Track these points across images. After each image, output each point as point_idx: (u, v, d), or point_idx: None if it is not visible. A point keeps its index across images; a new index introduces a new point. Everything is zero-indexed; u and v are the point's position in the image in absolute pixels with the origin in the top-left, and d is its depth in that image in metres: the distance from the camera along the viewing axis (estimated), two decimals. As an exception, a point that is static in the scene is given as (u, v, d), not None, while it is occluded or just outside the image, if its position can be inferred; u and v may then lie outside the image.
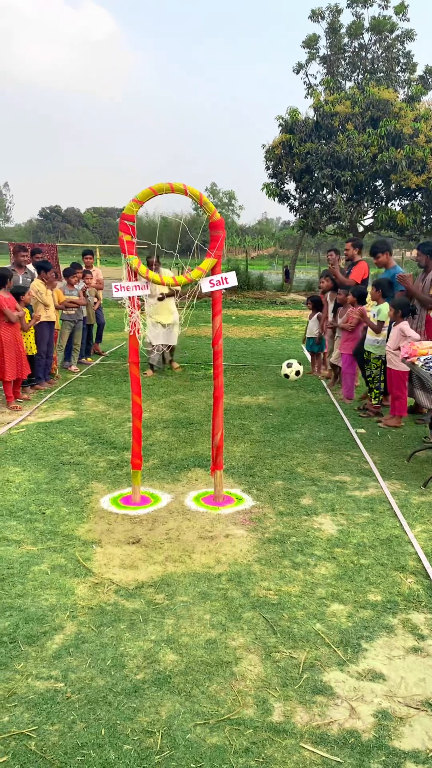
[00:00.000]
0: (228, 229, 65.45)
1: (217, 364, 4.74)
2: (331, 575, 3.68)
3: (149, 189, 4.30)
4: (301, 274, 36.94)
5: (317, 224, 23.28)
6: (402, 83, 24.94)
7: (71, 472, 5.32)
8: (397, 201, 22.64)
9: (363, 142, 20.16)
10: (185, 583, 3.55)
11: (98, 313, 11.04)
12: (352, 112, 20.78)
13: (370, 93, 20.71)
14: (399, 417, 6.96)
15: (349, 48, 25.43)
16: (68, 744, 2.38)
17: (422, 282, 7.20)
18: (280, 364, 10.78)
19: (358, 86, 22.83)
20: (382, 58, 24.96)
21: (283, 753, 2.36)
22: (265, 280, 28.31)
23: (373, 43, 25.19)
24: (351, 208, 22.70)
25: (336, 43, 25.31)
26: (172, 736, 2.43)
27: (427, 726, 2.51)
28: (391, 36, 24.71)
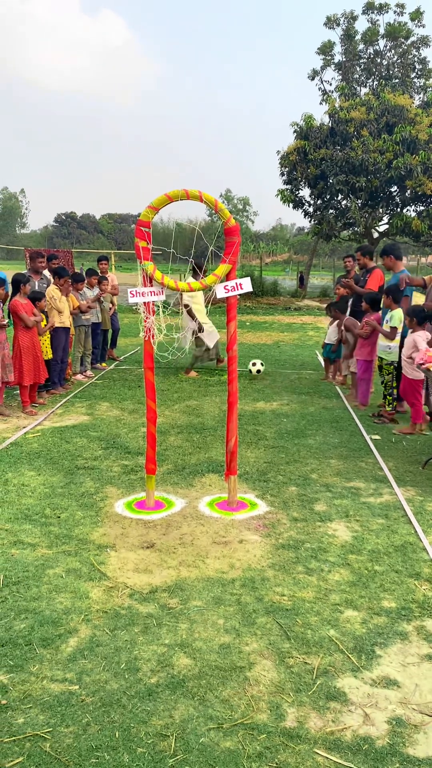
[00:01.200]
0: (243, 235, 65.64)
1: (232, 369, 4.76)
2: (345, 581, 3.68)
3: (165, 195, 4.34)
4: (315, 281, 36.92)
5: (332, 230, 23.23)
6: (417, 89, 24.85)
7: (86, 476, 5.35)
8: (413, 207, 22.54)
9: (378, 148, 20.13)
10: (199, 588, 3.56)
11: (113, 319, 11.11)
12: (368, 119, 20.75)
13: (386, 99, 20.67)
14: (415, 424, 6.93)
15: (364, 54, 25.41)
16: (83, 746, 2.39)
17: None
18: (294, 370, 10.80)
19: (374, 92, 22.78)
20: (398, 65, 24.90)
21: (296, 758, 2.36)
22: (279, 286, 28.31)
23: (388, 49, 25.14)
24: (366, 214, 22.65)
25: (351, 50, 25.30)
26: (185, 739, 2.44)
27: (441, 734, 2.50)
28: (406, 42, 24.66)
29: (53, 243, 76.98)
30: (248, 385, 9.34)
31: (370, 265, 8.60)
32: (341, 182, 20.75)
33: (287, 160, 22.66)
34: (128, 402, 8.11)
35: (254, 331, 17.15)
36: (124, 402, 8.11)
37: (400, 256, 7.98)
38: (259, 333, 16.65)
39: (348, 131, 20.93)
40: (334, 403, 8.30)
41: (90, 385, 9.12)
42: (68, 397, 8.27)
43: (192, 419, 7.30)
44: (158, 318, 4.60)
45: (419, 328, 6.58)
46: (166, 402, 8.12)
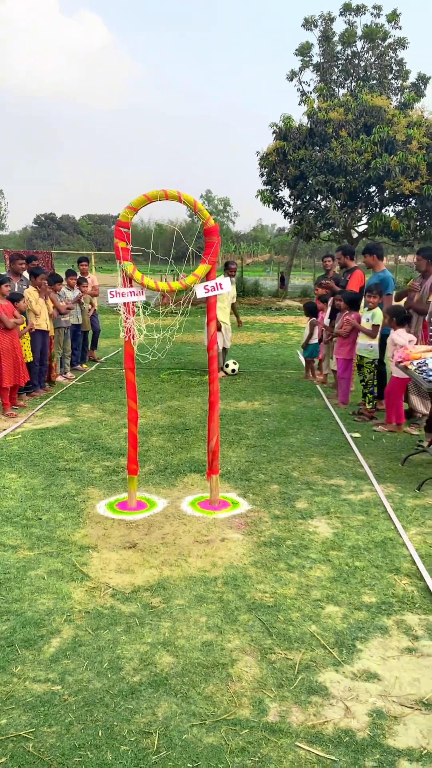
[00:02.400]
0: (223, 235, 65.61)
1: (213, 369, 4.78)
2: (326, 577, 3.71)
3: (144, 196, 4.35)
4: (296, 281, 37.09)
5: (312, 230, 23.35)
6: (395, 90, 25.07)
7: (67, 478, 5.34)
8: (391, 207, 22.75)
9: (356, 149, 20.28)
10: (181, 587, 3.58)
11: (93, 320, 11.08)
12: (346, 119, 20.90)
13: (363, 100, 20.83)
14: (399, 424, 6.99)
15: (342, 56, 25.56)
16: (66, 745, 2.40)
17: (421, 287, 7.26)
18: (275, 369, 10.85)
19: (352, 93, 22.93)
20: (375, 66, 25.10)
21: (278, 752, 2.38)
22: (260, 287, 28.40)
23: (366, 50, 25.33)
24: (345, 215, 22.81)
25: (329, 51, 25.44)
26: (168, 736, 2.45)
27: (421, 724, 2.54)
28: (383, 44, 24.86)
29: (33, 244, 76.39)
30: (230, 385, 9.37)
31: (351, 265, 8.69)
32: (320, 183, 20.88)
33: (267, 161, 22.74)
34: (109, 403, 8.10)
35: (235, 331, 17.16)
36: (105, 403, 8.10)
37: (382, 256, 8.07)
38: (240, 333, 16.68)
39: (327, 132, 21.07)
40: (314, 402, 8.36)
41: (71, 387, 9.09)
42: (49, 399, 8.23)
43: (174, 419, 7.31)
44: (138, 319, 4.61)
45: (399, 328, 6.66)
46: (148, 403, 8.12)
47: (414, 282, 7.26)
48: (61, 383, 9.29)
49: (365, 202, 22.91)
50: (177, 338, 13.92)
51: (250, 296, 26.45)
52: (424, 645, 3.08)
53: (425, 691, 2.74)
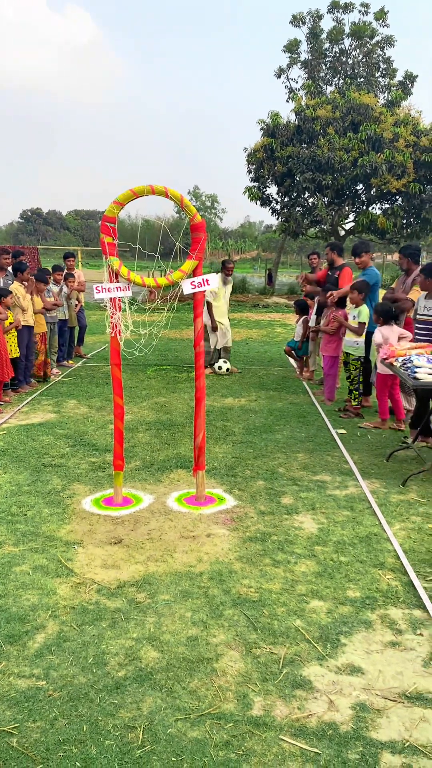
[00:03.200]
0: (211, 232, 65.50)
1: (199, 365, 4.78)
2: (311, 572, 3.73)
3: (130, 191, 4.34)
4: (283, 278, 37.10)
5: (299, 228, 23.36)
6: (382, 88, 25.13)
7: (53, 474, 5.32)
8: (378, 205, 22.82)
9: (344, 147, 20.31)
10: (167, 582, 3.58)
11: (80, 316, 11.03)
12: (333, 117, 20.91)
13: (351, 98, 20.86)
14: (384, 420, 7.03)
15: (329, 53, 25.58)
16: (50, 740, 2.39)
17: (402, 285, 7.31)
18: (262, 366, 10.87)
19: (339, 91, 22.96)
20: (363, 64, 25.15)
21: (262, 745, 2.40)
22: (247, 284, 28.40)
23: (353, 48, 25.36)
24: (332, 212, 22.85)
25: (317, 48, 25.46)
26: (153, 730, 2.46)
27: (403, 717, 2.57)
28: (371, 42, 24.91)
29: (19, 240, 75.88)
30: (216, 382, 9.37)
31: (339, 262, 8.71)
32: (308, 180, 20.89)
33: (254, 158, 22.71)
34: (96, 399, 8.07)
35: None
36: (91, 399, 8.07)
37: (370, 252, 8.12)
38: (227, 330, 16.69)
39: (314, 129, 21.08)
40: (301, 399, 8.39)
41: (57, 383, 9.05)
42: (34, 395, 8.19)
43: (160, 416, 7.30)
44: (125, 314, 4.60)
45: (386, 325, 6.69)
46: (135, 399, 8.10)
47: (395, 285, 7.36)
48: (47, 379, 9.24)
49: (352, 200, 22.96)
50: (164, 334, 13.92)
51: (238, 293, 26.43)
52: (407, 639, 3.11)
53: (408, 684, 2.77)
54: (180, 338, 14.31)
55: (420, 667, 2.89)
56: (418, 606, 3.40)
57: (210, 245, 58.94)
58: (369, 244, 8.06)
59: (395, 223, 21.37)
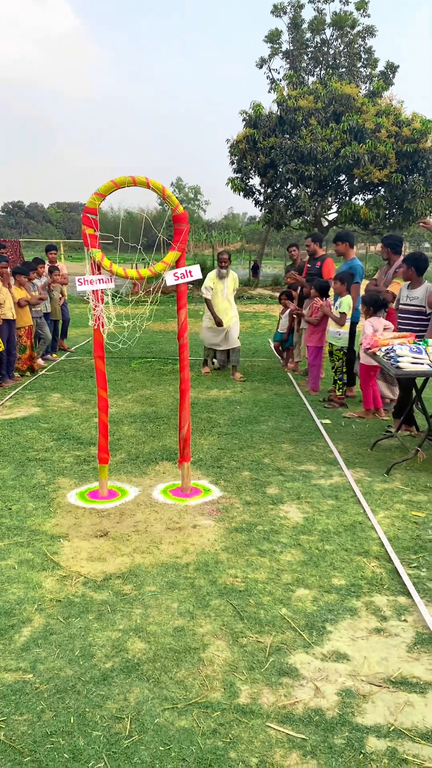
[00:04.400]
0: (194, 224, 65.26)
1: (183, 357, 4.77)
2: (297, 561, 3.76)
3: (111, 182, 4.31)
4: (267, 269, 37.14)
5: (282, 219, 23.38)
6: (363, 79, 25.14)
7: (37, 468, 5.30)
8: (361, 195, 22.89)
9: (326, 137, 20.32)
10: (153, 574, 3.59)
11: (63, 309, 10.96)
12: (315, 107, 20.91)
13: (333, 88, 20.85)
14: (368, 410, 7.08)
15: (311, 43, 25.55)
16: (37, 733, 2.40)
17: (384, 275, 7.34)
18: (247, 358, 10.88)
19: (321, 81, 22.95)
20: (344, 54, 25.13)
21: (249, 733, 2.41)
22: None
23: (334, 38, 25.33)
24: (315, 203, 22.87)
25: (298, 38, 25.40)
26: (140, 721, 2.47)
27: (388, 702, 2.60)
28: (352, 32, 24.90)
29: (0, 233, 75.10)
30: (201, 374, 9.37)
31: (320, 253, 8.73)
32: (290, 171, 20.89)
33: (237, 149, 22.66)
34: (80, 392, 8.04)
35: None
36: (75, 393, 8.04)
37: (353, 244, 8.13)
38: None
39: (296, 120, 21.06)
40: (286, 390, 8.41)
41: (40, 377, 9.00)
42: (18, 389, 8.14)
43: (145, 408, 7.29)
44: (108, 307, 4.58)
45: (374, 315, 6.72)
46: (119, 392, 8.08)
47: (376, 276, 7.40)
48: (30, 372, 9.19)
49: (335, 191, 23.00)
50: (148, 327, 13.88)
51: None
52: (392, 625, 3.14)
53: (393, 670, 2.80)
54: (164, 330, 14.28)
55: (404, 653, 2.92)
56: (403, 593, 3.43)
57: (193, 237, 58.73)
58: (350, 236, 8.06)
59: (378, 213, 21.45)
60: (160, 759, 2.28)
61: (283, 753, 2.32)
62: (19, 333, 8.76)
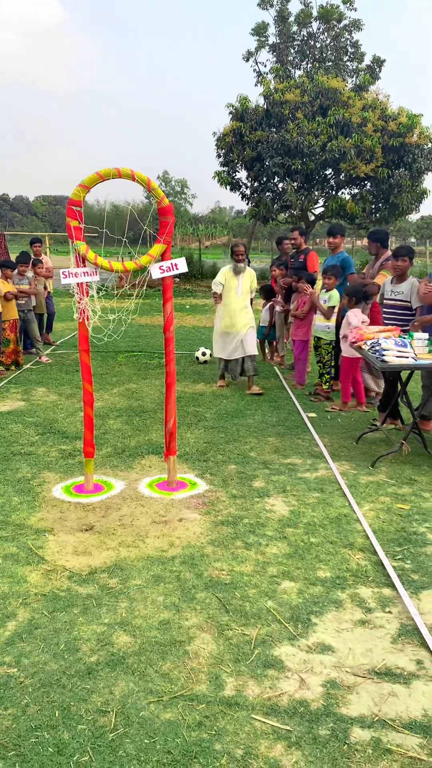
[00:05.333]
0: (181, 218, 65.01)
1: (169, 350, 4.75)
2: (283, 554, 3.77)
3: (96, 174, 4.27)
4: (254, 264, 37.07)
5: (269, 213, 23.34)
6: (350, 72, 25.09)
7: (22, 462, 5.27)
8: (347, 190, 22.89)
9: (313, 131, 20.28)
10: (139, 567, 3.58)
11: (48, 303, 10.89)
12: (302, 101, 20.85)
13: (319, 82, 20.80)
14: (345, 403, 7.11)
15: (298, 36, 25.46)
16: (22, 727, 2.39)
17: (371, 269, 7.36)
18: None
19: (308, 75, 22.88)
20: (331, 47, 25.06)
21: (235, 725, 2.42)
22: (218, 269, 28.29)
23: (321, 32, 25.24)
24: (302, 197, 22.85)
25: (285, 31, 25.29)
26: (126, 714, 2.46)
27: (372, 693, 2.61)
28: (339, 25, 24.83)
29: (-15, 226, 74.41)
30: (188, 367, 9.36)
31: (304, 246, 8.76)
32: (277, 165, 20.84)
33: (223, 142, 22.57)
34: (65, 387, 8.00)
35: (194, 314, 17.15)
36: (61, 387, 7.99)
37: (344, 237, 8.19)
38: (199, 316, 16.66)
39: (283, 113, 21.00)
40: (272, 383, 8.42)
41: (25, 371, 8.94)
42: (2, 383, 8.08)
43: (131, 402, 7.27)
44: (92, 300, 4.54)
45: (357, 307, 6.74)
46: (105, 386, 8.04)
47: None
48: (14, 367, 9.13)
49: (321, 185, 22.98)
50: (135, 321, 13.83)
51: (208, 279, 26.38)
52: (376, 617, 3.16)
53: (377, 661, 2.82)
54: (150, 324, 14.23)
55: (389, 644, 2.94)
56: (387, 584, 3.45)
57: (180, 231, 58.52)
58: (344, 230, 8.12)
59: (364, 208, 21.47)
60: (145, 752, 2.28)
61: (268, 744, 2.33)
62: (3, 326, 8.69)
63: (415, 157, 20.24)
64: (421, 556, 3.77)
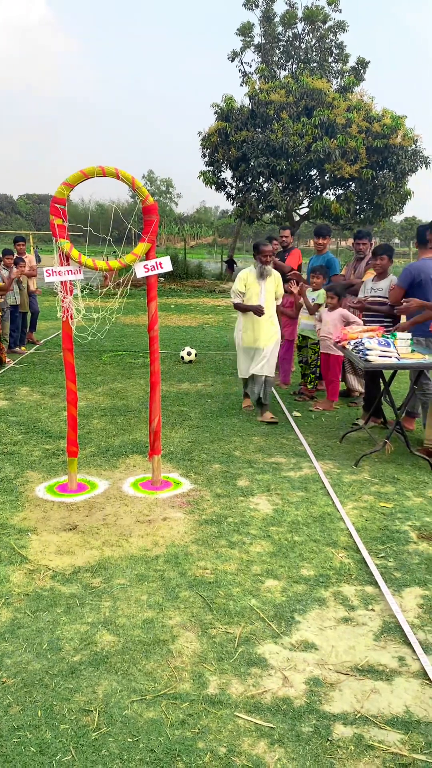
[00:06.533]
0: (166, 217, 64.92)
1: (154, 349, 4.75)
2: (266, 552, 3.78)
3: (80, 172, 4.26)
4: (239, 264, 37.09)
5: (254, 213, 23.42)
6: (335, 74, 25.21)
7: (5, 461, 5.23)
8: (332, 190, 23.02)
9: (297, 132, 20.37)
10: (122, 566, 3.57)
11: (32, 301, 10.83)
12: (287, 101, 20.94)
13: (304, 82, 20.90)
14: (332, 401, 7.15)
15: (283, 37, 25.54)
16: (4, 727, 2.37)
17: (354, 270, 7.41)
18: (219, 351, 10.88)
19: (293, 76, 22.96)
20: (316, 48, 25.17)
21: (218, 723, 2.42)
22: (203, 269, 28.32)
23: (306, 33, 25.36)
24: (287, 197, 22.93)
25: (270, 32, 25.35)
26: (109, 713, 2.46)
27: (355, 690, 2.63)
28: (324, 26, 24.96)
29: (-32, 224, 73.72)
30: (173, 367, 9.35)
31: (291, 245, 8.80)
32: (262, 165, 20.90)
33: (209, 142, 22.60)
34: (49, 386, 7.96)
35: (179, 313, 17.13)
36: (44, 386, 7.95)
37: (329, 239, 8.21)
38: (184, 315, 16.65)
39: (268, 114, 21.07)
40: (256, 383, 8.42)
41: (9, 370, 8.88)
42: (-14, 382, 8.02)
43: (116, 402, 7.25)
44: (76, 299, 4.53)
45: (338, 304, 6.76)
46: (89, 385, 8.01)
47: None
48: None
49: (306, 185, 23.09)
50: (119, 320, 13.79)
51: (194, 278, 26.38)
52: (359, 614, 3.18)
53: (360, 658, 2.84)
54: (135, 324, 14.19)
55: (371, 641, 2.96)
56: (370, 582, 3.47)
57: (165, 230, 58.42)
58: (330, 230, 8.16)
59: (348, 208, 21.60)
60: (128, 750, 2.28)
61: (251, 742, 2.33)
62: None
63: (399, 159, 20.41)
64: (403, 554, 3.80)
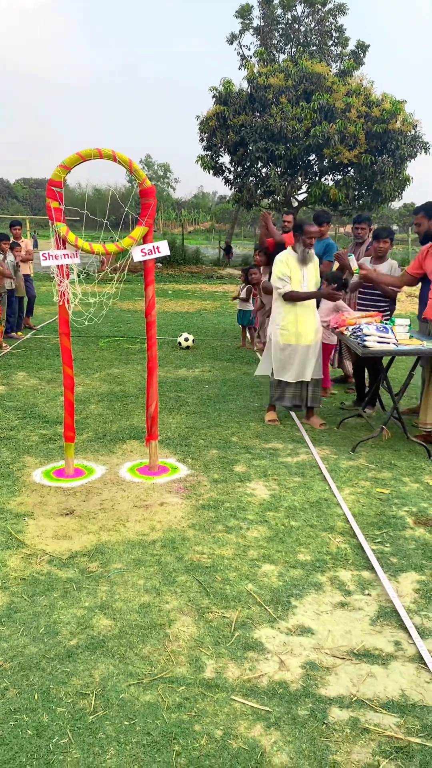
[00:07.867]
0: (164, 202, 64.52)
1: (151, 334, 4.72)
2: (263, 537, 3.78)
3: (77, 154, 4.20)
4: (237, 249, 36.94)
5: (252, 198, 23.25)
6: (334, 57, 24.95)
7: (2, 446, 5.22)
8: (330, 176, 22.87)
9: (296, 116, 20.18)
10: (119, 551, 3.57)
11: (28, 287, 10.77)
12: (286, 85, 20.72)
13: (303, 66, 20.68)
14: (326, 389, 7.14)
15: (282, 20, 25.23)
16: (0, 710, 2.37)
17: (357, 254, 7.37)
18: (216, 337, 10.86)
19: (292, 59, 22.71)
20: (315, 31, 24.88)
21: (214, 706, 2.43)
22: (201, 255, 28.22)
23: (305, 15, 25.06)
24: (285, 183, 22.77)
25: (269, 15, 25.04)
26: (105, 696, 2.46)
27: (351, 673, 2.64)
28: (323, 9, 24.67)
29: (-36, 208, 73.17)
30: (170, 353, 9.32)
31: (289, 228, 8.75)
32: (261, 149, 20.72)
33: (207, 126, 22.38)
34: (46, 371, 7.93)
35: (177, 299, 17.07)
36: (41, 371, 7.92)
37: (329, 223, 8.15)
38: (181, 301, 16.59)
39: (267, 98, 20.85)
40: (254, 369, 8.40)
41: (5, 355, 8.84)
42: (-17, 367, 7.99)
43: (113, 387, 7.23)
44: (73, 284, 4.49)
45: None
46: (86, 371, 7.99)
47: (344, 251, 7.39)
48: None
49: (305, 171, 22.92)
50: (117, 305, 13.74)
51: (191, 264, 26.28)
52: (355, 599, 3.19)
53: (356, 642, 2.85)
54: (132, 309, 14.15)
55: (367, 626, 2.97)
56: (367, 567, 3.48)
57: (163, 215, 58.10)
58: (330, 215, 8.11)
59: (347, 194, 21.46)
60: (125, 733, 2.28)
61: (247, 725, 2.34)
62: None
63: (399, 144, 20.25)
64: (399, 539, 3.81)
